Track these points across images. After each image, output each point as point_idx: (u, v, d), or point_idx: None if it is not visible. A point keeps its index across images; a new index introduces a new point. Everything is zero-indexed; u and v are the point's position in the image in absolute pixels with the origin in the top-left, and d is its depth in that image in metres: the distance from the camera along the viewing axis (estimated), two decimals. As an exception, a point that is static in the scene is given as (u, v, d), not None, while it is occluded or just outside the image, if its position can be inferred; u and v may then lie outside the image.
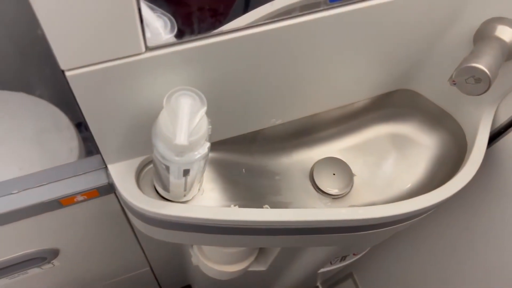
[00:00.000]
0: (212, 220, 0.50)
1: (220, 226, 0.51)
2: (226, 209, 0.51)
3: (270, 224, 0.51)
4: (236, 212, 0.51)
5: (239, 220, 0.50)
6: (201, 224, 0.51)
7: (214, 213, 0.50)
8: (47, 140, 0.77)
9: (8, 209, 0.49)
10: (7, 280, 0.71)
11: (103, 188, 0.53)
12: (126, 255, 0.86)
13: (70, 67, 0.35)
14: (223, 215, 0.50)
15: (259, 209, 0.51)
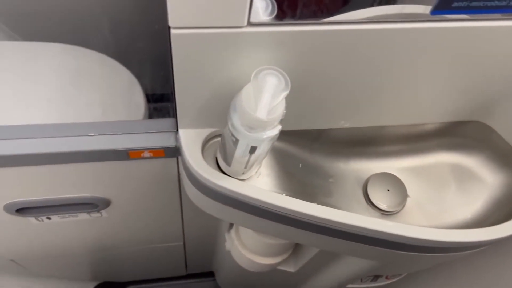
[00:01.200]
0: (263, 202, 0.51)
1: (268, 210, 0.53)
2: (279, 195, 0.52)
3: (316, 219, 0.52)
4: (288, 200, 0.52)
5: (288, 208, 0.51)
6: (252, 203, 0.52)
7: (267, 196, 0.51)
8: (120, 96, 0.83)
9: (82, 149, 0.53)
10: (58, 218, 0.75)
11: (169, 150, 0.56)
12: (166, 224, 0.89)
13: (177, 26, 0.37)
14: (276, 200, 0.51)
15: (309, 203, 0.52)
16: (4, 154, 0.52)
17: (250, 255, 0.82)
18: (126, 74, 0.86)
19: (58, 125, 0.54)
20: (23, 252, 0.94)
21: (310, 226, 0.54)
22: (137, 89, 0.84)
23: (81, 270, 1.23)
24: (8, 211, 0.69)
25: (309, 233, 0.57)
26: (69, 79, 0.83)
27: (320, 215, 0.51)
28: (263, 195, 0.52)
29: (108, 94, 0.81)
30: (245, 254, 0.83)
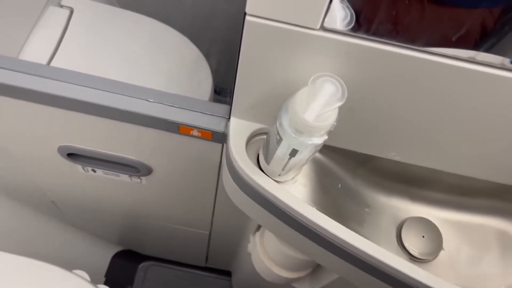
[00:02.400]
0: (292, 210, 0.51)
1: (296, 219, 0.52)
2: (310, 207, 0.51)
3: (344, 244, 0.50)
4: (319, 215, 0.50)
5: (318, 224, 0.50)
6: (281, 207, 0.52)
7: (298, 204, 0.51)
8: (189, 74, 0.86)
9: (139, 111, 0.56)
10: (102, 173, 0.79)
11: (217, 134, 0.57)
12: (198, 209, 0.91)
13: (253, 13, 0.38)
14: (305, 210, 0.50)
15: (342, 226, 0.50)
16: (72, 97, 0.55)
17: (268, 263, 0.82)
18: (197, 55, 0.90)
19: (124, 84, 0.57)
20: (64, 196, 0.99)
21: (335, 248, 0.53)
22: (206, 72, 0.87)
23: (109, 231, 1.28)
24: (61, 153, 0.73)
25: (333, 256, 0.55)
26: (146, 48, 0.88)
27: (350, 241, 0.50)
28: (293, 202, 0.51)
29: (176, 69, 0.85)
30: (263, 260, 0.83)
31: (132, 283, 1.46)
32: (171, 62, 0.87)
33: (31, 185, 0.95)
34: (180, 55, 0.90)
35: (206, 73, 0.88)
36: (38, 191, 0.98)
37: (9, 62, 0.57)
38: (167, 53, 0.90)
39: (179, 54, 0.90)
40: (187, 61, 0.89)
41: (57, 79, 0.56)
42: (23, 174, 0.89)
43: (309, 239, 0.55)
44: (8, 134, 0.72)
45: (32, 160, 0.81)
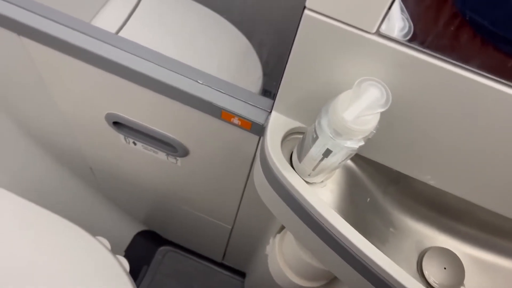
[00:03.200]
0: (318, 214, 0.50)
1: (319, 224, 0.51)
2: (336, 215, 0.50)
3: (364, 258, 0.49)
4: (343, 224, 0.50)
5: (341, 233, 0.49)
6: (306, 209, 0.52)
7: (324, 209, 0.50)
8: (238, 66, 0.89)
9: (187, 90, 0.58)
10: (141, 147, 0.83)
11: (256, 126, 0.58)
12: (225, 200, 0.92)
13: (313, 8, 0.39)
14: (331, 217, 0.50)
15: (364, 239, 0.49)
16: (131, 67, 0.58)
17: (284, 267, 0.82)
18: (249, 49, 0.92)
19: (178, 62, 0.59)
20: (102, 164, 1.04)
21: (355, 262, 0.51)
22: (256, 65, 0.89)
23: (137, 207, 1.32)
24: (108, 120, 0.77)
25: (351, 269, 0.54)
26: (201, 36, 0.91)
27: (372, 256, 0.48)
28: (319, 205, 0.51)
29: (227, 60, 0.87)
30: (279, 263, 0.82)
31: (149, 264, 1.49)
32: (222, 52, 0.89)
33: (74, 147, 1.00)
34: (232, 47, 0.93)
35: (256, 66, 0.90)
36: (79, 155, 1.03)
37: (82, 26, 0.60)
38: (220, 44, 0.93)
39: (232, 46, 0.93)
40: (239, 53, 0.92)
41: (121, 49, 0.59)
42: (68, 135, 0.94)
43: (330, 246, 0.54)
44: (63, 91, 0.76)
45: (80, 123, 0.86)
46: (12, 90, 0.87)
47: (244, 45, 0.94)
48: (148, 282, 1.45)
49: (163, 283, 1.47)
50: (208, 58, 0.88)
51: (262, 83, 0.89)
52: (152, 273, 1.48)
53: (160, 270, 1.49)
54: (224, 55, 0.89)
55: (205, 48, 0.89)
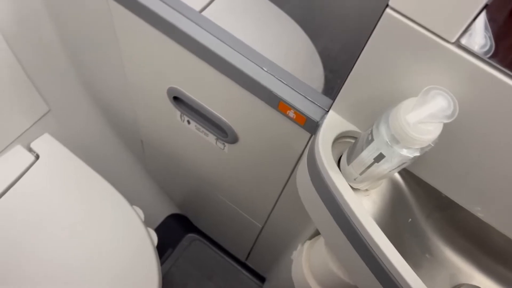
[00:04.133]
0: (358, 222, 0.49)
1: (357, 233, 0.50)
2: (377, 228, 0.49)
3: (399, 278, 0.48)
4: (382, 239, 0.48)
5: (379, 247, 0.48)
6: (345, 214, 0.51)
7: (366, 219, 0.49)
8: (301, 66, 0.89)
9: (251, 75, 0.59)
10: (194, 127, 0.85)
11: (310, 122, 0.58)
12: (261, 196, 0.92)
13: (395, 8, 0.39)
14: (371, 228, 0.48)
15: (402, 258, 0.48)
16: (205, 44, 0.60)
17: (308, 274, 0.80)
18: (313, 52, 0.93)
19: (247, 46, 0.61)
20: (152, 139, 1.07)
21: (388, 281, 0.50)
22: (319, 67, 0.90)
23: (177, 189, 1.35)
24: (169, 94, 0.80)
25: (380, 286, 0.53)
26: (269, 29, 0.93)
27: (408, 279, 0.46)
28: (360, 213, 0.50)
29: (291, 59, 0.88)
30: (303, 270, 0.81)
31: (174, 247, 1.52)
32: (286, 50, 0.90)
33: (130, 118, 1.04)
34: (296, 47, 0.94)
35: (318, 69, 0.90)
36: (133, 126, 1.07)
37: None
38: (285, 41, 0.94)
39: (296, 46, 0.94)
40: (302, 54, 0.93)
41: (202, 27, 0.61)
42: (128, 105, 0.98)
43: (362, 258, 0.52)
44: (135, 59, 0.80)
45: (141, 94, 0.89)
46: (88, 51, 0.92)
47: (308, 47, 0.95)
48: (170, 264, 1.48)
49: (184, 269, 1.49)
50: (271, 54, 0.90)
51: (322, 86, 0.89)
52: (176, 257, 1.50)
53: (183, 256, 1.51)
54: (288, 53, 0.90)
55: (270, 43, 0.91)
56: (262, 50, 0.61)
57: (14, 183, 0.97)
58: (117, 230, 0.96)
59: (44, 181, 0.98)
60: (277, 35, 0.96)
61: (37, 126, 1.03)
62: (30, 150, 1.01)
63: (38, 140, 1.03)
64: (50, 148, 1.02)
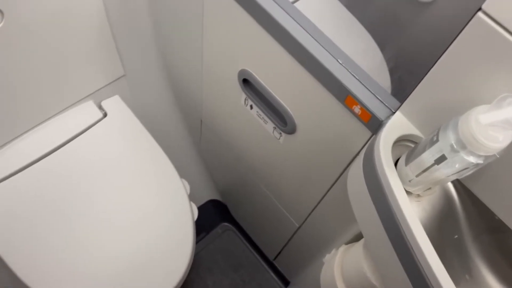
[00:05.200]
0: (406, 227, 0.49)
1: (403, 238, 0.50)
2: (426, 237, 0.48)
3: (435, 284, 0.47)
4: (429, 248, 0.47)
5: (425, 256, 0.47)
6: (394, 215, 0.51)
7: (415, 224, 0.48)
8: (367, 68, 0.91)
9: (325, 64, 0.61)
10: (255, 112, 0.87)
11: (375, 120, 0.59)
12: (305, 193, 0.93)
13: (488, 13, 0.40)
14: (419, 236, 0.48)
15: (445, 271, 0.47)
16: (290, 32, 0.62)
17: (337, 276, 0.80)
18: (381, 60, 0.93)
19: (326, 37, 0.63)
20: (212, 120, 1.11)
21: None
22: (385, 73, 0.90)
23: (223, 175, 1.38)
24: (239, 76, 0.83)
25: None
26: (339, 33, 0.94)
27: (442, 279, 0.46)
28: (411, 218, 0.49)
29: (357, 55, 0.90)
30: (334, 272, 0.81)
31: (208, 232, 1.55)
32: (354, 53, 0.92)
33: (196, 95, 1.09)
34: (364, 53, 0.95)
35: (384, 73, 0.91)
36: (197, 104, 1.12)
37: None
38: (353, 45, 0.95)
39: (363, 52, 0.95)
40: (369, 60, 0.93)
41: (292, 16, 0.64)
42: (198, 80, 1.02)
43: (403, 265, 0.52)
44: (214, 35, 0.83)
45: (213, 71, 0.93)
46: (172, 24, 0.98)
47: (376, 54, 0.96)
48: (201, 248, 1.51)
49: (213, 256, 1.52)
50: (353, 44, 0.92)
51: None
52: (207, 242, 1.54)
53: (215, 243, 1.54)
54: (355, 58, 0.92)
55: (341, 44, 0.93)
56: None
57: (79, 134, 1.04)
58: (163, 196, 1.01)
59: (107, 138, 1.05)
60: (347, 41, 0.97)
61: (110, 87, 1.10)
62: (100, 108, 1.09)
63: (108, 100, 1.10)
64: (118, 109, 1.09)
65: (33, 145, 0.99)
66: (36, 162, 0.99)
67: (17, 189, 0.96)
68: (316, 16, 0.73)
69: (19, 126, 0.97)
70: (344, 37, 0.96)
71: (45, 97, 0.97)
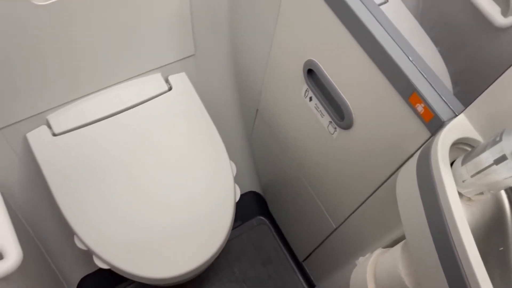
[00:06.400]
0: (455, 231, 0.49)
1: (449, 243, 0.50)
2: (474, 245, 0.48)
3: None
4: (476, 257, 0.47)
5: (471, 264, 0.47)
6: (444, 218, 0.51)
7: (464, 229, 0.48)
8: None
9: (395, 59, 0.62)
10: (314, 105, 0.89)
11: (436, 121, 0.59)
12: (349, 194, 0.94)
13: None
14: (468, 244, 0.48)
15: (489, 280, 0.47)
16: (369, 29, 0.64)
17: (370, 277, 0.80)
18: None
19: (400, 33, 0.64)
20: (268, 110, 1.14)
21: None
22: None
23: (268, 167, 1.41)
24: (305, 66, 0.85)
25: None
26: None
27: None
28: (460, 220, 0.49)
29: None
30: (366, 272, 0.81)
31: (243, 222, 1.58)
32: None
33: (257, 83, 1.12)
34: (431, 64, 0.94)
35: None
36: (256, 93, 1.15)
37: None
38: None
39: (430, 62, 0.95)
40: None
41: (377, 18, 0.66)
42: (262, 68, 1.05)
43: (444, 269, 0.52)
44: (288, 23, 0.86)
45: (279, 60, 0.96)
46: (248, 10, 1.02)
47: (442, 68, 0.95)
48: (233, 236, 1.54)
49: (244, 246, 1.54)
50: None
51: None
52: (241, 231, 1.56)
53: (248, 234, 1.57)
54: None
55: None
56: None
57: (144, 102, 1.10)
58: (211, 174, 1.05)
59: (168, 110, 1.11)
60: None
61: (179, 64, 1.16)
62: (167, 81, 1.15)
63: (175, 75, 1.16)
64: (182, 85, 1.15)
65: (102, 104, 1.07)
66: (102, 120, 1.06)
67: (81, 142, 1.03)
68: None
69: (92, 84, 1.05)
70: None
71: (120, 62, 1.04)
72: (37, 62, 0.91)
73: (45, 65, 0.93)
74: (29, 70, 0.91)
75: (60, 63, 0.94)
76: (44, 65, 0.92)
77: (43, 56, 0.91)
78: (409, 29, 1.02)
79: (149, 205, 0.99)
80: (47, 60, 0.92)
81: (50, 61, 0.93)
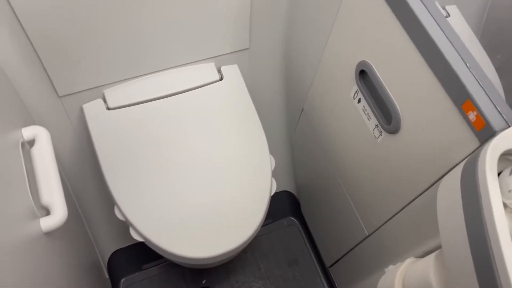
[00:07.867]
0: (496, 243, 0.48)
1: (488, 254, 0.49)
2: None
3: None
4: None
5: (509, 276, 0.47)
6: (485, 227, 0.50)
7: (506, 238, 0.48)
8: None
9: (452, 65, 0.62)
10: (361, 107, 0.90)
11: (487, 130, 0.58)
12: (384, 202, 0.93)
13: None
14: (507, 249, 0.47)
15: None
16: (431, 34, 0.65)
17: (398, 283, 0.80)
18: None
19: (459, 38, 0.64)
20: (313, 110, 1.15)
21: None
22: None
23: (305, 168, 1.41)
24: (357, 67, 0.86)
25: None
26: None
27: None
28: (502, 232, 0.49)
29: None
30: (395, 279, 0.81)
31: (273, 220, 1.59)
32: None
33: (306, 82, 1.14)
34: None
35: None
36: (303, 92, 1.17)
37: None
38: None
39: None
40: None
41: (431, 15, 0.66)
42: (313, 67, 1.07)
43: (479, 280, 0.51)
44: (346, 24, 0.88)
45: (332, 60, 0.97)
46: (307, 9, 1.04)
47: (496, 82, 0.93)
48: (263, 232, 1.56)
49: (272, 244, 1.55)
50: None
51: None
52: (271, 229, 1.58)
53: (278, 233, 1.58)
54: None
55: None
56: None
57: (194, 88, 1.14)
58: (252, 164, 1.07)
59: (217, 99, 1.14)
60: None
61: (232, 55, 1.19)
62: (219, 71, 1.18)
63: (228, 67, 1.19)
64: (234, 77, 1.18)
65: (156, 85, 1.11)
66: (154, 100, 1.11)
67: (132, 118, 1.08)
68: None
69: (150, 65, 1.10)
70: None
71: (179, 47, 1.09)
72: (105, 38, 0.97)
73: (112, 41, 0.98)
74: (97, 44, 0.97)
75: (124, 42, 1.00)
76: (111, 41, 0.98)
77: (111, 32, 0.96)
78: (467, 40, 1.01)
79: (190, 186, 1.02)
80: (114, 37, 0.98)
81: (116, 38, 0.98)
